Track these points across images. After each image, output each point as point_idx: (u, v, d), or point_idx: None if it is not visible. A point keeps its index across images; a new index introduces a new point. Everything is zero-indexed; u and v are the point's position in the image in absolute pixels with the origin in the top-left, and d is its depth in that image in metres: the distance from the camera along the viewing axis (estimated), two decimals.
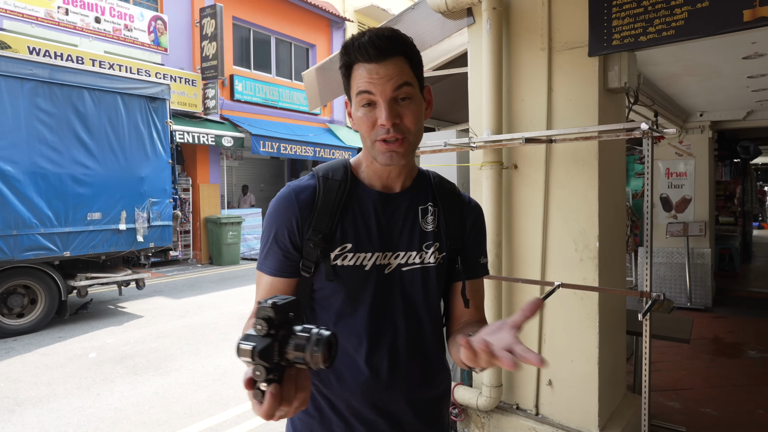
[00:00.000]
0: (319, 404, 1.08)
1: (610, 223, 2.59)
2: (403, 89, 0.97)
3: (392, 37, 0.98)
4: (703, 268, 6.18)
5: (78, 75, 5.98)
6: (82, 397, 3.88)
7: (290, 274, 1.04)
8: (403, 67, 0.97)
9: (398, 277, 1.07)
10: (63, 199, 5.80)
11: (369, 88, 0.95)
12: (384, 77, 0.95)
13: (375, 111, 0.97)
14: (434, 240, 1.10)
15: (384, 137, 0.97)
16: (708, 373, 4.13)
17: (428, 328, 1.11)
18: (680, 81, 4.25)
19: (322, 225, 1.02)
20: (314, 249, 1.02)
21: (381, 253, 1.05)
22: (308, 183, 1.06)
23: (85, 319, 6.26)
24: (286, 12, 13.26)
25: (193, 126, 10.43)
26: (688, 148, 6.32)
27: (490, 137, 2.52)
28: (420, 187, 1.13)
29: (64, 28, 9.08)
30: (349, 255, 1.03)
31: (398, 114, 0.97)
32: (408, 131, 0.98)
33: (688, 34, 2.00)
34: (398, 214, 1.08)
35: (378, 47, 0.95)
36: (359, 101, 0.98)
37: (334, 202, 1.03)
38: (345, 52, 0.99)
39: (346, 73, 1.01)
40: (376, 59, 0.96)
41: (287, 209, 1.03)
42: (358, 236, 1.04)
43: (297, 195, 1.04)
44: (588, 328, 2.48)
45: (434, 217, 1.11)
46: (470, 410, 2.88)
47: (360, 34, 0.99)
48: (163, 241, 6.86)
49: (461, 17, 2.87)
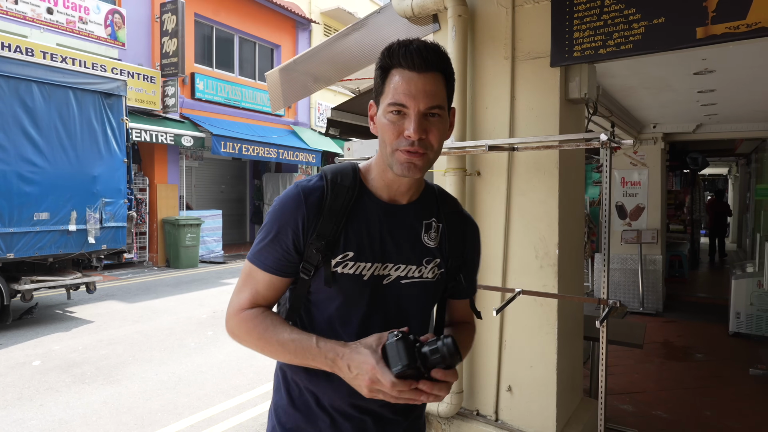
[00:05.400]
0: (306, 399, 1.09)
1: (569, 230, 2.64)
2: (435, 108, 0.97)
3: (438, 52, 0.98)
4: (654, 274, 6.43)
5: (26, 67, 5.66)
6: (24, 409, 3.65)
7: (287, 273, 1.05)
8: (439, 84, 0.98)
9: (396, 289, 1.07)
10: (7, 198, 5.46)
11: (404, 101, 0.95)
12: (422, 91, 0.95)
13: (404, 120, 0.96)
14: (435, 256, 1.11)
15: (407, 148, 0.96)
16: (659, 376, 4.28)
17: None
18: (635, 93, 4.41)
19: (327, 231, 1.02)
20: (316, 254, 1.02)
21: (381, 264, 1.06)
22: (317, 184, 1.05)
23: (29, 325, 5.92)
24: (250, 11, 13.05)
25: (152, 124, 10.09)
26: (642, 159, 6.58)
27: (454, 144, 2.53)
28: (426, 202, 1.13)
29: (12, 18, 8.61)
30: (349, 263, 1.03)
31: (425, 129, 0.97)
32: (431, 147, 0.99)
33: (645, 49, 2.07)
34: (402, 226, 1.09)
35: (424, 58, 0.95)
36: (389, 108, 0.97)
37: (341, 209, 1.03)
38: (388, 54, 0.98)
39: (382, 75, 1.00)
40: (420, 69, 0.95)
41: (295, 210, 1.02)
42: (361, 245, 1.04)
43: (306, 197, 1.03)
44: (547, 335, 2.52)
45: (437, 234, 1.12)
46: (431, 417, 2.87)
47: (407, 40, 0.98)
48: (116, 243, 6.58)
49: (427, 23, 2.88)
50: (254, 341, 1.04)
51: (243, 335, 1.05)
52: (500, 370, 2.69)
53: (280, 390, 1.14)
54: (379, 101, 1.01)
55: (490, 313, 2.69)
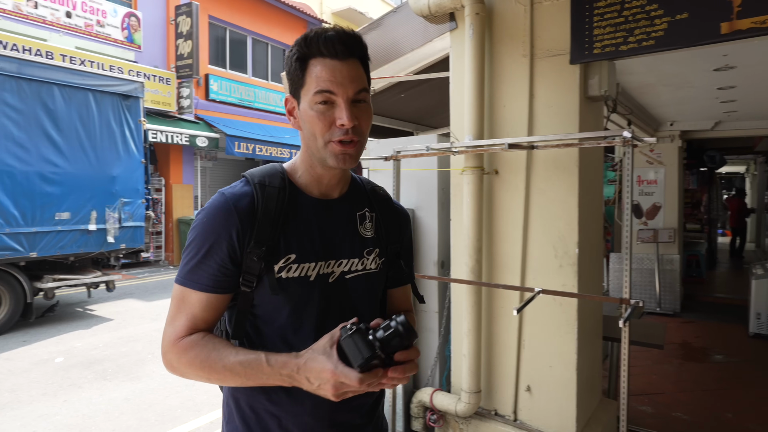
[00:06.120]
0: (265, 424, 1.01)
1: (588, 229, 2.62)
2: (362, 93, 0.95)
3: (357, 38, 0.96)
4: (672, 273, 6.35)
5: (48, 70, 5.78)
6: (48, 404, 3.72)
7: (225, 289, 0.97)
8: (360, 70, 0.96)
9: (342, 285, 1.04)
10: (30, 198, 5.58)
11: (331, 87, 0.92)
12: (347, 77, 0.93)
13: (333, 110, 0.93)
14: (374, 246, 1.10)
15: (341, 138, 0.93)
16: (678, 377, 4.23)
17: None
18: (653, 91, 4.36)
19: (265, 236, 0.96)
20: (257, 262, 0.95)
21: (324, 262, 1.02)
22: (244, 190, 1.00)
23: (51, 323, 6.03)
24: (263, 12, 13.14)
25: (167, 125, 10.21)
26: (658, 157, 6.50)
27: (473, 142, 2.53)
28: (356, 193, 1.12)
29: (33, 21, 8.78)
30: (293, 266, 0.98)
31: (356, 116, 0.95)
32: (363, 135, 0.97)
33: (668, 45, 2.05)
34: (339, 220, 1.06)
35: (346, 44, 0.93)
36: (316, 99, 0.93)
37: (275, 211, 0.98)
38: (305, 43, 0.94)
39: (300, 66, 0.95)
40: (342, 56, 0.93)
41: (226, 220, 0.95)
42: (302, 246, 1.00)
43: (235, 204, 0.97)
44: (567, 334, 2.51)
45: (372, 223, 1.11)
46: (449, 416, 2.87)
47: (322, 28, 0.95)
48: (134, 242, 6.68)
49: (443, 22, 2.88)
50: (197, 372, 0.94)
51: (184, 368, 0.95)
52: (519, 369, 2.68)
53: (233, 420, 1.05)
54: (299, 94, 0.97)
55: (509, 312, 2.70)
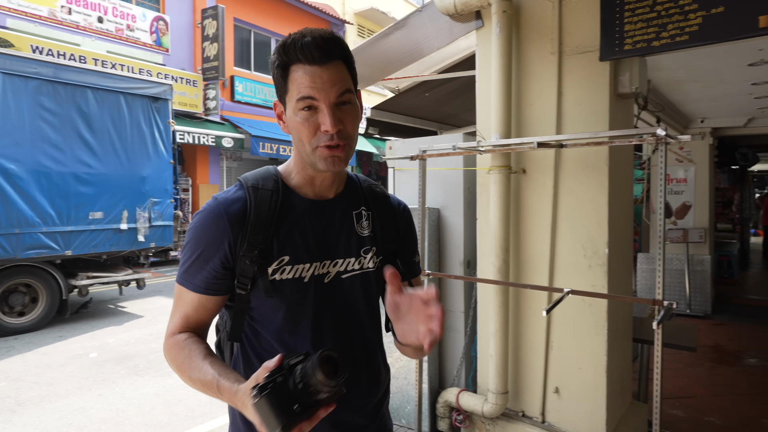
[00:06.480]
0: None
1: (619, 228, 2.58)
2: (345, 95, 0.94)
3: (335, 40, 0.95)
4: (702, 274, 6.18)
5: (82, 74, 5.97)
6: (84, 398, 3.85)
7: (218, 291, 1.00)
8: (343, 71, 0.95)
9: (338, 285, 1.04)
10: (65, 198, 5.77)
11: (312, 93, 0.92)
12: (327, 82, 0.92)
13: (317, 116, 0.93)
14: (371, 244, 1.09)
15: (327, 143, 0.94)
16: (710, 381, 4.12)
17: (371, 334, 1.11)
18: (683, 87, 4.26)
19: (258, 239, 0.97)
20: (251, 265, 0.97)
21: (319, 263, 1.02)
22: (237, 195, 1.00)
23: (85, 319, 6.23)
24: (286, 14, 13.28)
25: (194, 126, 10.41)
26: (688, 155, 6.34)
27: (500, 141, 2.52)
28: (352, 192, 1.11)
29: (67, 27, 9.06)
30: (287, 268, 0.99)
31: (341, 120, 0.94)
32: (350, 137, 0.96)
33: (703, 40, 2.00)
34: (334, 221, 1.06)
35: (323, 49, 0.92)
36: (299, 105, 0.93)
37: (267, 214, 0.98)
38: (284, 51, 0.94)
39: (282, 73, 0.95)
40: (320, 62, 0.92)
41: (216, 225, 0.97)
42: (295, 247, 1.00)
43: (226, 209, 0.98)
44: (596, 336, 2.47)
45: (369, 222, 1.10)
46: (475, 417, 2.87)
47: (299, 33, 0.94)
48: (164, 241, 6.84)
49: (470, 20, 2.87)
50: (176, 372, 0.99)
51: (170, 363, 1.01)
52: (547, 371, 2.65)
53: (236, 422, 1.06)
54: (285, 100, 0.98)
55: (537, 313, 2.67)
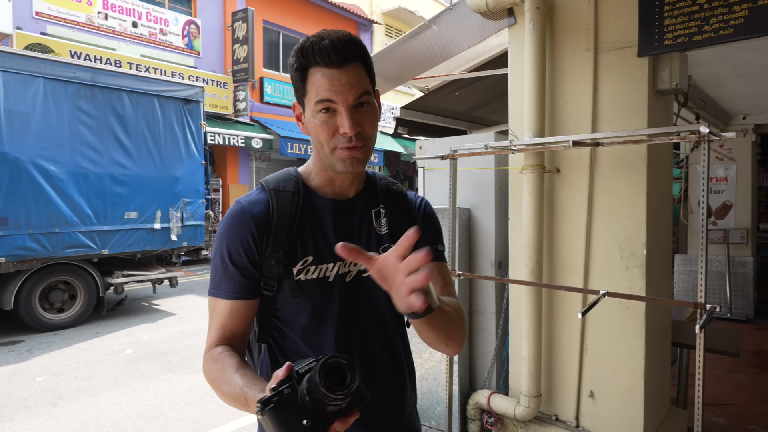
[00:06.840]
0: None
1: (657, 229, 2.50)
2: (364, 97, 0.95)
3: (352, 42, 0.95)
4: (744, 277, 5.94)
5: (118, 78, 6.15)
6: (120, 393, 3.96)
7: (251, 294, 1.01)
8: (361, 73, 0.95)
9: (360, 284, 1.05)
10: (102, 199, 5.96)
11: (330, 96, 0.92)
12: (346, 85, 0.92)
13: (335, 118, 0.94)
14: (390, 242, 1.09)
15: (346, 145, 0.94)
16: (754, 387, 3.95)
17: (394, 330, 1.11)
18: (724, 82, 4.10)
19: (282, 240, 0.99)
20: (276, 266, 0.98)
21: (342, 262, 1.03)
22: (259, 197, 1.03)
23: (121, 316, 6.42)
24: (314, 15, 13.39)
25: (224, 128, 10.60)
26: (729, 153, 6.10)
27: (534, 140, 2.46)
28: (370, 191, 1.12)
29: (103, 32, 9.35)
30: (311, 268, 1.01)
31: (359, 122, 0.94)
32: (368, 138, 0.97)
33: (748, 33, 1.91)
34: (354, 219, 1.07)
35: (340, 52, 0.92)
36: (317, 108, 0.94)
37: (290, 215, 1.00)
38: (302, 54, 0.95)
39: (300, 76, 0.96)
40: (338, 64, 0.92)
41: (241, 227, 0.99)
42: (318, 247, 1.02)
43: (251, 211, 1.00)
44: (633, 339, 2.40)
45: (387, 219, 1.11)
46: (507, 420, 2.82)
47: (317, 36, 0.95)
48: (195, 240, 6.98)
49: (502, 17, 2.83)
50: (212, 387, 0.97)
51: (206, 379, 0.99)
52: (581, 374, 2.59)
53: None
54: (303, 102, 0.99)
55: (571, 315, 2.61)
